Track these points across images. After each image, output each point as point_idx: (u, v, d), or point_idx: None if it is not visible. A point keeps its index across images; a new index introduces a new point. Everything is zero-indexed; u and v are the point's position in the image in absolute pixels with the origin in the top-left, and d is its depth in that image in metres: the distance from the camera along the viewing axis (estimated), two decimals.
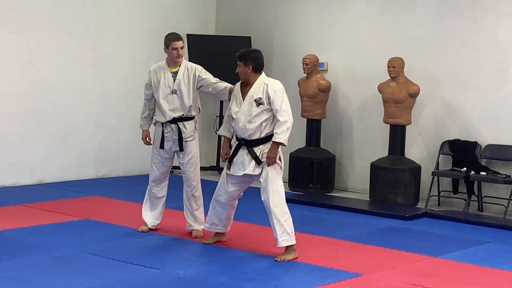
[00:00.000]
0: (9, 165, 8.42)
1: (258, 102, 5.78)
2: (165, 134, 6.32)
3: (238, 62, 5.85)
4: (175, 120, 6.29)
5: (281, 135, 5.73)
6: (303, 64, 8.90)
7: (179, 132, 6.27)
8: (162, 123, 6.34)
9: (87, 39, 9.02)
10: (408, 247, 6.31)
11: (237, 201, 6.14)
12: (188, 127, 6.34)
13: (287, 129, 5.75)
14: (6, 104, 8.37)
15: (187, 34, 9.73)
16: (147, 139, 6.52)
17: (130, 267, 5.43)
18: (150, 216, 6.50)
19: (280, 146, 5.77)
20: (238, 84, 5.97)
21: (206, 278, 5.24)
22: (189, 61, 6.69)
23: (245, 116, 5.80)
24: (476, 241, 6.64)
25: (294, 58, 9.33)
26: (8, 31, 8.33)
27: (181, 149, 6.31)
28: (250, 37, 9.57)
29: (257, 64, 5.84)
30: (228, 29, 10.08)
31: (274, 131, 5.76)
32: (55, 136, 8.83)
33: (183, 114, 6.30)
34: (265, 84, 5.81)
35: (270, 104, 5.77)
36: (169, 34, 6.41)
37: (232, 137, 6.01)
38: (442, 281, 5.41)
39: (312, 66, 8.90)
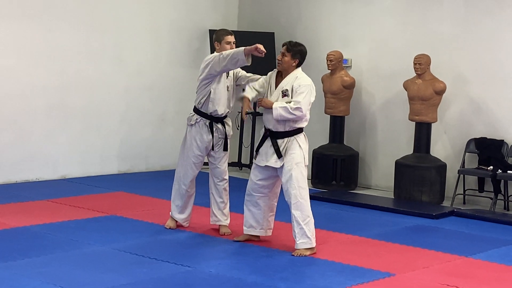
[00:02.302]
0: (33, 160, 8.40)
1: (284, 94, 5.77)
2: (214, 135, 6.27)
3: (284, 51, 5.80)
4: (221, 119, 6.27)
5: (279, 104, 5.65)
6: (327, 60, 8.84)
7: (225, 131, 6.28)
8: (210, 122, 6.23)
9: (110, 34, 8.98)
10: (438, 247, 6.26)
11: (275, 203, 6.08)
12: (230, 124, 6.37)
13: (285, 109, 5.64)
14: (30, 99, 8.35)
15: (209, 30, 9.69)
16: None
17: (161, 265, 5.40)
18: (184, 215, 6.46)
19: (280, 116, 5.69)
20: (274, 72, 5.94)
21: (239, 277, 5.20)
22: None
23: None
24: (506, 241, 6.58)
25: (317, 54, 9.26)
26: (33, 26, 8.30)
27: (226, 148, 6.31)
28: (273, 33, 9.52)
29: (302, 59, 5.88)
30: (251, 25, 10.03)
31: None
32: (78, 131, 8.80)
33: (229, 112, 6.29)
34: (295, 77, 5.80)
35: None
36: (221, 29, 6.37)
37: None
38: (476, 281, 5.36)
39: (336, 63, 8.84)
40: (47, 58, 8.45)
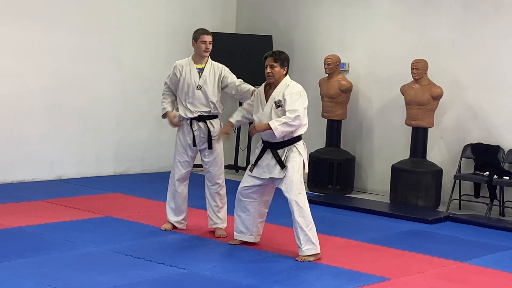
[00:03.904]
0: (29, 160, 8.40)
1: (278, 104, 5.76)
2: (195, 133, 6.28)
3: (272, 63, 5.78)
4: (203, 118, 6.26)
5: (277, 123, 5.63)
6: (324, 64, 8.85)
7: (208, 130, 6.27)
8: (190, 121, 6.28)
9: (108, 35, 8.99)
10: (433, 252, 6.26)
11: (265, 210, 6.08)
12: (215, 126, 6.33)
13: (286, 124, 5.62)
14: (27, 100, 8.35)
15: None
16: (175, 119, 6.33)
17: (156, 266, 5.39)
18: (179, 217, 6.47)
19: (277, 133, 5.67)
20: (262, 86, 5.94)
21: (233, 279, 5.20)
22: None
23: (267, 119, 5.76)
24: (502, 247, 6.59)
25: (315, 58, 9.28)
26: (31, 27, 8.30)
27: (210, 147, 6.28)
28: (271, 36, 9.52)
29: (288, 67, 5.87)
30: (249, 28, 10.04)
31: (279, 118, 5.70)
32: (75, 132, 8.80)
33: (210, 111, 6.27)
34: (286, 86, 5.79)
35: None
36: (198, 29, 6.42)
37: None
38: (471, 287, 5.36)
39: (334, 67, 8.85)
40: (45, 59, 8.45)
